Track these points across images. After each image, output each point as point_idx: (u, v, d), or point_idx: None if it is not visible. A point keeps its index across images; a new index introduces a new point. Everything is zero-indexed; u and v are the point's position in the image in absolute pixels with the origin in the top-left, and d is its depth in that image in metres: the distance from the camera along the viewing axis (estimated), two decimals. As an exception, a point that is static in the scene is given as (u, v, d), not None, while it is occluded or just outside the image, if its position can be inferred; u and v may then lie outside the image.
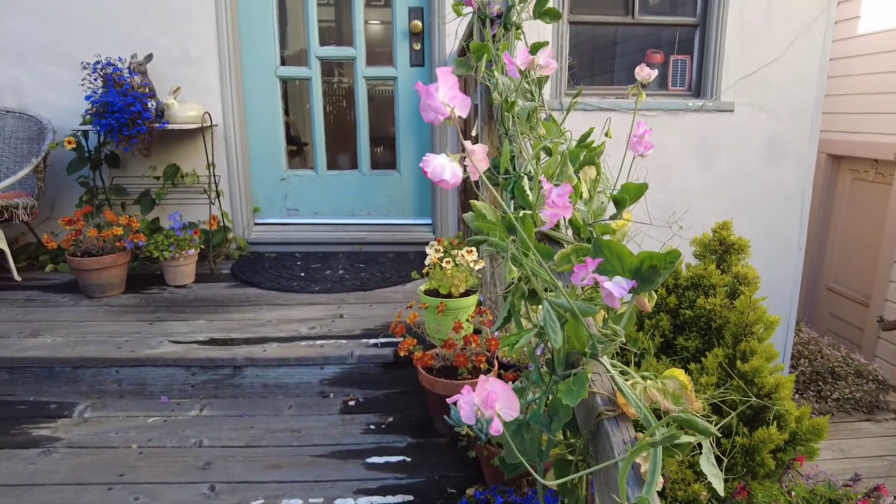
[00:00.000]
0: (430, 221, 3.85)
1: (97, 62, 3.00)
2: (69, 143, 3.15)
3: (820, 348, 4.99)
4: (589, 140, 1.35)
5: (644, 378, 0.99)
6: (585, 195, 1.26)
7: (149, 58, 3.21)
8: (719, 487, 0.88)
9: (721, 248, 1.95)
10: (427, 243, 3.72)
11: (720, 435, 0.77)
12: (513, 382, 1.80)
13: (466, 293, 2.22)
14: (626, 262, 0.96)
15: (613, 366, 0.97)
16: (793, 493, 1.91)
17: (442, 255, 2.21)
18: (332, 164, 3.86)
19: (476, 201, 1.26)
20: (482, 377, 0.74)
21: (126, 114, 2.89)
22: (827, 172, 5.90)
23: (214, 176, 3.43)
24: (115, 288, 2.94)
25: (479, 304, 2.23)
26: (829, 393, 4.40)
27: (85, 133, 3.29)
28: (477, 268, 2.12)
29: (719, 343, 1.90)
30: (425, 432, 2.00)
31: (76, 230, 2.86)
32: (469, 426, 1.56)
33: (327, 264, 3.43)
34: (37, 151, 3.20)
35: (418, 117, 3.70)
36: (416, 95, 3.68)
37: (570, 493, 1.05)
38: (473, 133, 2.45)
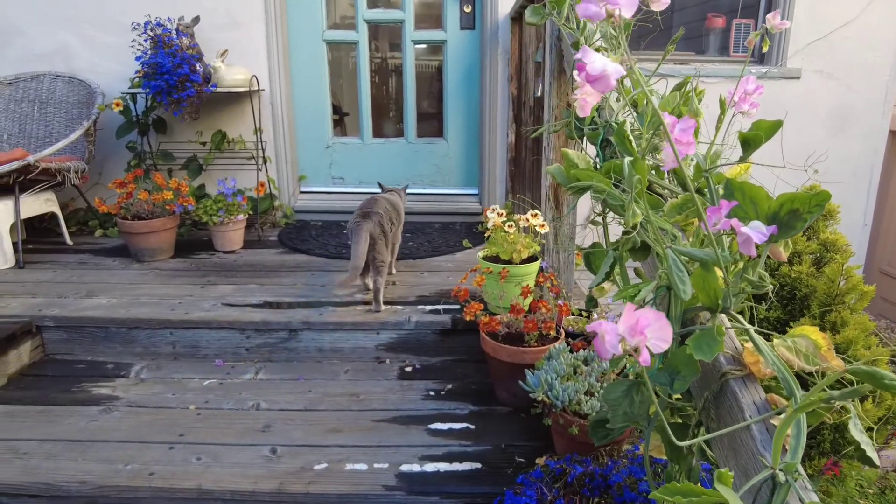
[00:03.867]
0: (476, 192, 3.75)
1: (147, 22, 2.95)
2: (117, 105, 3.13)
3: (876, 332, 4.78)
4: (685, 90, 1.24)
5: (768, 336, 0.90)
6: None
7: (196, 20, 3.16)
8: (874, 456, 0.79)
9: (807, 214, 1.81)
10: (474, 213, 3.65)
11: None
12: (582, 351, 1.71)
13: (528, 260, 2.13)
14: (762, 205, 0.86)
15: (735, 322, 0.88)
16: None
17: (504, 219, 2.12)
18: (378, 132, 3.78)
19: (567, 150, 1.16)
20: (628, 304, 0.67)
21: (175, 75, 2.85)
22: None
23: (262, 142, 3.39)
24: (165, 252, 2.93)
25: (542, 270, 2.14)
26: (887, 377, 4.21)
27: (133, 97, 3.27)
28: (543, 231, 2.03)
29: (804, 313, 1.78)
30: (486, 401, 1.93)
31: (127, 193, 2.85)
32: (545, 393, 1.48)
33: (373, 233, 3.37)
34: (86, 115, 3.18)
35: (468, 83, 3.59)
36: (466, 59, 3.56)
37: (682, 460, 0.96)
38: (538, 93, 2.34)
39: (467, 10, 3.45)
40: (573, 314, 2.00)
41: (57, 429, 1.77)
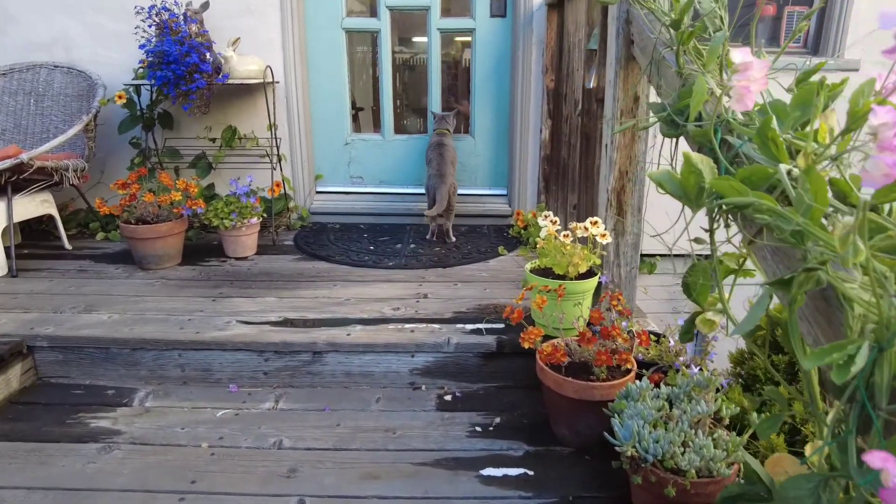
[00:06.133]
0: (505, 192, 3.49)
1: (152, 6, 2.69)
2: (120, 97, 2.88)
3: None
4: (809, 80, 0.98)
5: None
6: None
7: (205, 5, 2.90)
8: None
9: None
10: (503, 216, 3.38)
11: None
12: (663, 387, 1.44)
13: (584, 275, 1.87)
14: None
15: None
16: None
17: (558, 227, 1.86)
18: (399, 128, 3.52)
19: (690, 152, 0.91)
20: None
21: (183, 65, 2.59)
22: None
23: (276, 138, 3.13)
24: (172, 259, 2.68)
25: (600, 286, 1.88)
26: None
27: (137, 89, 3.02)
28: (604, 242, 1.77)
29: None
30: (543, 439, 1.68)
31: (130, 195, 2.60)
32: (634, 446, 1.22)
33: (396, 237, 3.12)
34: (87, 109, 2.93)
35: (497, 75, 3.32)
36: (496, 49, 3.30)
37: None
38: (592, 84, 2.07)
39: (499, -5, 3.18)
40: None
41: (48, 472, 1.52)
